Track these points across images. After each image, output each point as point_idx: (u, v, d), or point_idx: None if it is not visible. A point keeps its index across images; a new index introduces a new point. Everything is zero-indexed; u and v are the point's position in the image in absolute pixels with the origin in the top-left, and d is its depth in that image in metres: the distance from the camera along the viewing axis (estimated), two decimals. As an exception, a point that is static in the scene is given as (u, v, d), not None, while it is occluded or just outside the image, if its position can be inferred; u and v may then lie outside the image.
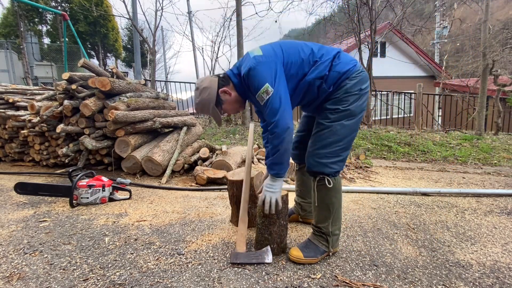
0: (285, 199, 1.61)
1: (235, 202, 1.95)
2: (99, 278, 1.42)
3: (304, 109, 1.79)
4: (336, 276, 1.42)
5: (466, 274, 1.45)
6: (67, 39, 8.96)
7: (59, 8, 13.86)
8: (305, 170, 1.65)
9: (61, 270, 1.49)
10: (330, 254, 1.60)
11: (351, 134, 1.54)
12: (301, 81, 1.56)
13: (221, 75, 1.62)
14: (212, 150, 3.93)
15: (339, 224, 1.62)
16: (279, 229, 1.61)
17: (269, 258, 1.54)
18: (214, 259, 1.58)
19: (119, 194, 2.61)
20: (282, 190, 1.60)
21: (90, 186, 2.42)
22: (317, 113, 1.65)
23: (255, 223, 1.97)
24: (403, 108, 9.48)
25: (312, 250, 1.56)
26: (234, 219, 2.02)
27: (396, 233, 1.90)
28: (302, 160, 1.77)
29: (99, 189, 2.45)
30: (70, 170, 2.52)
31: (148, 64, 14.06)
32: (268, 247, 1.58)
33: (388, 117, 10.61)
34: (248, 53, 1.58)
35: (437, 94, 10.75)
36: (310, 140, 1.60)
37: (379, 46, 13.79)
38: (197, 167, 3.22)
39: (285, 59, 1.53)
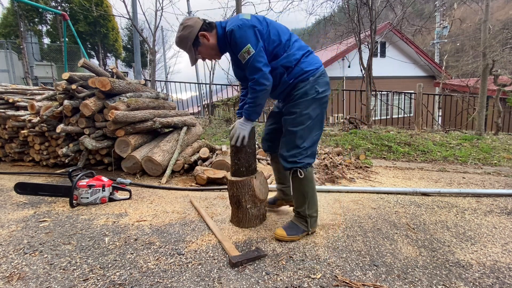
0: (251, 131, 1.85)
1: (235, 202, 1.95)
2: (99, 278, 1.42)
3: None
4: (336, 276, 1.42)
5: (466, 274, 1.45)
6: (67, 39, 8.96)
7: (59, 8, 13.86)
8: (282, 167, 1.86)
9: (61, 270, 1.49)
10: (309, 233, 1.85)
11: (312, 133, 1.77)
12: (271, 62, 1.71)
13: (207, 21, 1.76)
14: (212, 150, 3.94)
15: (315, 207, 1.86)
16: (246, 155, 1.90)
17: (263, 252, 1.63)
18: (214, 259, 1.58)
19: (119, 194, 2.61)
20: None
21: (90, 186, 2.42)
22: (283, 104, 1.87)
23: (255, 223, 1.98)
24: (403, 108, 9.49)
25: (294, 230, 1.81)
26: (234, 219, 2.02)
27: (396, 233, 1.90)
28: (273, 150, 2.05)
29: (99, 189, 2.45)
30: (70, 170, 2.52)
31: (148, 64, 14.05)
32: (259, 250, 1.64)
33: (388, 117, 10.62)
34: (238, 15, 1.75)
35: (437, 94, 10.75)
36: (281, 141, 1.83)
37: (379, 46, 13.80)
38: (197, 167, 3.22)
39: (267, 34, 1.69)
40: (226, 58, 2.02)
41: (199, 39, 1.73)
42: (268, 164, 3.89)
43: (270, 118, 2.07)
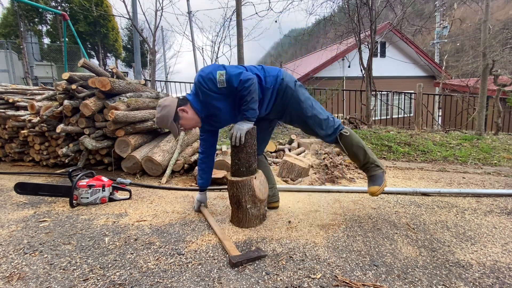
0: (252, 132, 1.91)
1: (235, 202, 1.95)
2: (99, 278, 1.42)
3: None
4: (336, 276, 1.42)
5: (466, 274, 1.45)
6: (67, 39, 8.96)
7: (59, 8, 13.86)
8: (329, 143, 2.22)
9: (61, 270, 1.49)
10: (385, 170, 2.06)
11: (318, 105, 2.06)
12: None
13: (180, 97, 1.95)
14: (212, 150, 3.93)
15: (371, 152, 2.06)
16: (246, 155, 1.93)
17: (263, 252, 1.62)
18: (214, 259, 1.58)
19: (119, 194, 2.61)
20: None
21: (90, 186, 2.42)
22: (274, 113, 2.11)
23: (255, 223, 1.98)
24: (403, 108, 9.49)
25: (378, 179, 2.00)
26: (234, 219, 2.02)
27: (396, 233, 1.90)
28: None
29: (99, 189, 2.45)
30: (70, 170, 2.52)
31: (148, 64, 14.05)
32: (259, 250, 1.63)
33: (388, 117, 10.62)
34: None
35: (437, 94, 10.76)
36: (312, 132, 2.08)
37: (379, 46, 13.80)
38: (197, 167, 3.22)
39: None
40: (225, 56, 2.08)
41: (178, 114, 1.89)
42: (269, 164, 3.89)
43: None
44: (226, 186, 2.18)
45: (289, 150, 4.26)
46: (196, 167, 3.22)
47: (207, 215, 2.14)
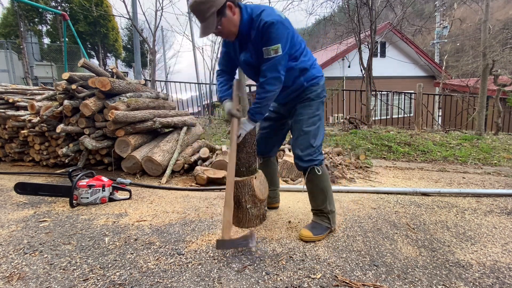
0: (252, 132, 1.88)
1: (235, 202, 1.95)
2: (99, 278, 1.42)
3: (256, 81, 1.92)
4: (336, 276, 1.42)
5: (466, 274, 1.45)
6: (67, 39, 8.96)
7: (59, 8, 13.86)
8: (296, 167, 1.88)
9: (61, 270, 1.49)
10: (332, 230, 1.87)
11: (321, 132, 1.85)
12: (290, 62, 1.74)
13: None
14: (212, 150, 3.94)
15: (333, 202, 1.89)
16: (247, 155, 1.92)
17: (253, 243, 1.62)
18: (214, 259, 1.58)
19: (119, 194, 2.61)
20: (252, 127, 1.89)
21: (90, 186, 2.42)
22: (286, 107, 1.94)
23: (255, 223, 1.98)
24: (403, 108, 9.49)
25: (319, 229, 1.81)
26: (234, 219, 2.02)
27: (396, 233, 1.90)
28: (267, 153, 2.16)
29: (99, 189, 2.45)
30: (70, 170, 2.52)
31: (148, 64, 14.05)
32: (254, 233, 1.64)
33: (388, 117, 10.62)
34: (271, 7, 1.69)
35: (437, 94, 10.76)
36: (293, 143, 1.86)
37: (379, 46, 13.79)
38: (197, 167, 3.22)
39: (292, 37, 1.71)
40: None
41: (225, 9, 1.57)
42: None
43: (265, 121, 2.10)
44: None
45: (289, 150, 4.26)
46: (196, 167, 3.22)
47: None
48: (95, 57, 16.78)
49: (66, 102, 3.37)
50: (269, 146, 2.14)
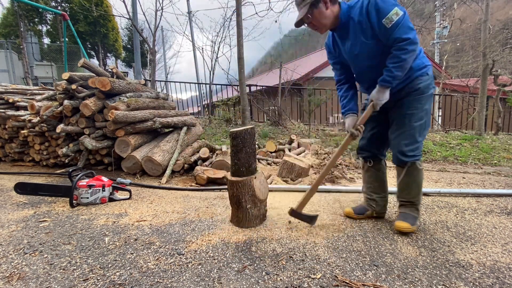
0: (250, 131, 1.92)
1: (235, 202, 1.95)
2: (99, 278, 1.42)
3: (364, 82, 1.95)
4: (336, 276, 1.42)
5: (466, 274, 1.45)
6: (67, 39, 8.96)
7: (59, 8, 13.85)
8: (394, 161, 1.89)
9: (61, 270, 1.49)
10: (419, 218, 1.97)
11: (427, 127, 1.84)
12: None
13: None
14: (212, 150, 3.94)
15: (421, 195, 1.96)
16: (246, 155, 1.92)
17: (313, 223, 1.98)
18: (214, 259, 1.58)
19: (119, 194, 2.61)
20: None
21: (90, 186, 2.42)
22: (390, 99, 1.79)
23: (255, 223, 1.98)
24: (403, 108, 9.46)
25: (412, 219, 1.87)
26: (234, 219, 2.02)
27: (396, 233, 1.90)
28: (375, 156, 2.06)
29: (99, 189, 2.45)
30: (70, 170, 2.52)
31: (148, 64, 14.05)
32: (317, 215, 2.01)
33: (388, 117, 10.59)
34: None
35: (437, 94, 10.74)
36: (395, 137, 1.85)
37: (379, 46, 13.75)
38: (197, 167, 3.22)
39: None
40: (225, 56, 2.02)
41: (319, 3, 1.70)
42: (268, 164, 3.89)
43: (370, 123, 1.98)
44: (226, 186, 2.18)
45: (289, 150, 4.26)
46: (196, 167, 3.22)
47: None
48: (95, 57, 16.77)
49: (66, 102, 3.37)
50: (382, 146, 2.05)
